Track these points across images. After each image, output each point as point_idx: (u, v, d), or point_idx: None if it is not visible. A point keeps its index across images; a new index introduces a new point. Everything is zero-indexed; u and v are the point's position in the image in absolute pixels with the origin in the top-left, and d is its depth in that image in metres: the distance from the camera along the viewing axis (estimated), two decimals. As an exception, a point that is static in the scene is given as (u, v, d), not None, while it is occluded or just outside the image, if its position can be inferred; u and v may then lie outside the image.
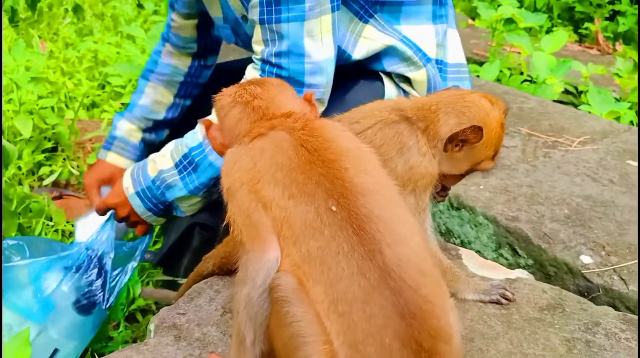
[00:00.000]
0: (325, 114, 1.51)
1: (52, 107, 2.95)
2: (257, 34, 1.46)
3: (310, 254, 0.92)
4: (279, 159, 0.99)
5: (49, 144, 2.70)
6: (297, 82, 1.43)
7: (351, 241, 0.91)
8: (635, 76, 3.24)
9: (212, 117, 1.50)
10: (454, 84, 1.73)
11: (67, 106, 3.15)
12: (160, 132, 2.00)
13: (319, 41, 1.45)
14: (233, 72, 2.05)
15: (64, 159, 2.69)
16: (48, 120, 2.78)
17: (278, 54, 1.43)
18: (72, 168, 2.64)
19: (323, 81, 1.47)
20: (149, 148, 1.99)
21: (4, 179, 2.21)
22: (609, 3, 4.57)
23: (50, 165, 2.63)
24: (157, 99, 1.95)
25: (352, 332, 0.89)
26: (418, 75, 1.64)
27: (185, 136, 1.54)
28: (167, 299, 1.36)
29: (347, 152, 1.01)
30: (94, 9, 4.63)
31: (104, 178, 1.85)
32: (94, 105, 3.27)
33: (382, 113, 1.24)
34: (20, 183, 2.46)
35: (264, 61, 1.45)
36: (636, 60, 3.37)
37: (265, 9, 1.41)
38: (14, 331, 1.45)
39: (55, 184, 2.58)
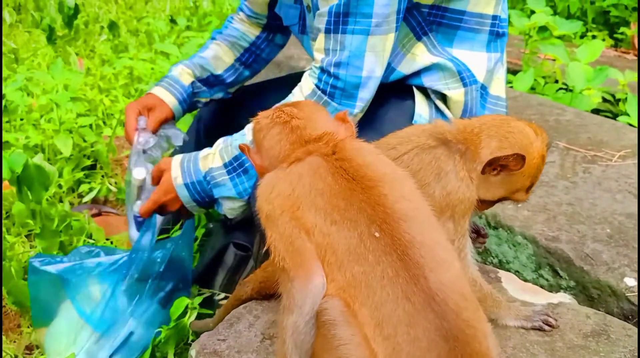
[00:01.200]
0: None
1: (90, 125, 3.03)
2: (320, 42, 1.48)
3: (355, 278, 0.93)
4: (318, 186, 1.01)
5: (88, 162, 2.77)
6: (350, 95, 1.46)
7: (395, 267, 0.93)
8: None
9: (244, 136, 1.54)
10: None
11: (104, 122, 3.22)
12: (212, 89, 2.05)
13: (380, 58, 1.47)
14: (259, 92, 2.09)
15: (102, 176, 2.75)
16: (87, 138, 2.85)
17: (337, 64, 1.45)
18: (110, 184, 2.69)
19: (368, 97, 1.50)
20: (193, 105, 2.06)
21: (45, 197, 2.27)
22: (646, 6, 4.46)
23: (89, 182, 2.69)
24: (219, 56, 2.01)
25: (398, 354, 0.90)
26: (456, 94, 1.63)
27: (234, 136, 1.57)
28: (208, 327, 1.37)
29: (384, 177, 1.02)
30: (128, 26, 4.73)
31: (146, 104, 1.91)
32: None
33: (419, 138, 1.24)
34: (60, 201, 2.52)
35: (323, 70, 1.47)
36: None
37: (332, 19, 1.44)
38: (76, 336, 1.56)
39: (94, 201, 2.64)
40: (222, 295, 1.86)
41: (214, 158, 1.58)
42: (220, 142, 1.60)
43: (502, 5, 1.68)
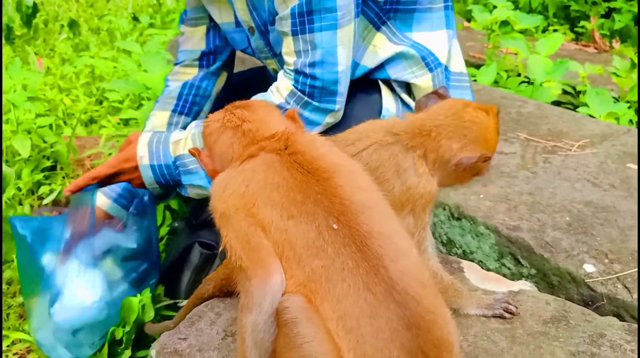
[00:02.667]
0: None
1: (50, 125, 2.95)
2: (289, 45, 1.46)
3: (315, 272, 0.93)
4: (273, 180, 0.99)
5: (48, 163, 2.70)
6: (330, 92, 1.45)
7: (355, 258, 0.93)
8: (634, 74, 3.23)
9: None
10: (456, 92, 1.73)
11: (65, 122, 3.15)
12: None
13: (348, 49, 1.46)
14: (248, 82, 2.04)
15: (63, 177, 2.68)
16: (46, 138, 2.78)
17: (312, 64, 1.43)
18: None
19: (345, 90, 1.49)
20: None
21: (4, 200, 2.20)
22: (605, 0, 4.55)
23: (49, 184, 2.62)
24: (155, 124, 1.92)
25: (362, 347, 0.89)
26: (424, 81, 1.64)
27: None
28: (168, 328, 1.35)
29: (339, 168, 1.02)
30: (89, 24, 4.64)
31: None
32: (92, 121, 3.27)
33: (377, 135, 1.23)
34: (20, 203, 2.45)
35: (297, 72, 1.45)
36: (633, 58, 3.36)
37: (297, 20, 1.41)
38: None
39: (55, 203, 2.57)
40: (185, 302, 1.84)
41: (185, 143, 1.54)
42: (193, 126, 1.56)
43: None
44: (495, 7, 3.57)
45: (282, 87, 1.50)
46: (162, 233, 2.17)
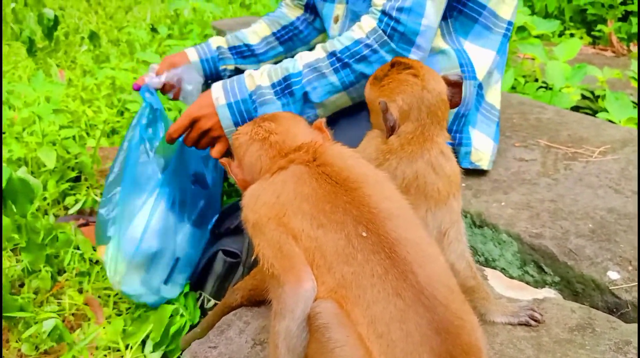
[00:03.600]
0: (339, 133, 1.53)
1: (74, 137, 3.01)
2: None
3: (345, 279, 0.95)
4: (303, 191, 1.02)
5: (73, 174, 2.75)
6: (408, 40, 1.51)
7: (384, 264, 0.95)
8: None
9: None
10: (482, 123, 1.80)
11: (87, 134, 3.21)
12: (244, 59, 2.13)
13: (439, 9, 1.53)
14: None
15: (87, 187, 2.73)
16: (70, 149, 2.83)
17: (400, 9, 1.49)
18: (96, 195, 2.68)
19: (426, 47, 1.54)
20: (218, 73, 2.13)
21: (30, 211, 2.25)
22: (622, 4, 4.53)
23: (74, 194, 2.67)
24: (256, 30, 2.12)
25: (392, 351, 0.91)
26: None
27: (284, 61, 1.60)
28: (196, 334, 1.38)
29: (366, 178, 1.04)
30: (109, 36, 4.71)
31: (174, 61, 2.02)
32: (114, 132, 3.33)
33: (389, 155, 1.23)
34: (46, 214, 2.50)
35: (384, 13, 1.50)
36: (653, 62, 3.35)
37: None
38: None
39: (80, 212, 2.62)
40: (212, 301, 1.87)
41: (260, 77, 1.59)
42: (267, 66, 1.62)
43: (515, 14, 1.77)
44: (511, 13, 3.57)
45: (365, 25, 1.54)
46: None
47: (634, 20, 4.42)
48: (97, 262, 2.27)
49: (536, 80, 3.34)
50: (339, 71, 1.55)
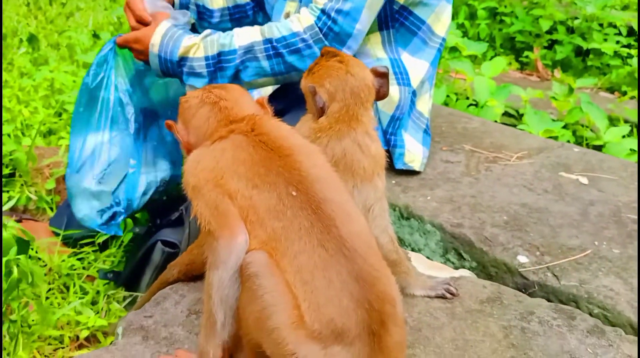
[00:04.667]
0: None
1: (9, 135, 2.96)
2: None
3: (276, 232, 1.04)
4: (240, 157, 1.11)
5: (7, 171, 2.71)
6: (340, 40, 1.65)
7: (311, 219, 1.05)
8: (571, 99, 3.49)
9: None
10: (412, 129, 1.94)
11: (23, 133, 3.16)
12: (198, 18, 2.14)
13: (371, 16, 1.66)
14: None
15: (22, 184, 2.70)
16: (5, 146, 2.79)
17: (339, 11, 1.61)
18: (30, 193, 2.65)
19: (356, 48, 1.68)
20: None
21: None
22: (547, 33, 4.87)
23: (7, 191, 2.63)
24: None
25: (316, 296, 1.00)
26: (391, 90, 1.78)
27: (223, 35, 1.69)
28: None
29: (299, 148, 1.15)
30: (49, 39, 4.65)
31: None
32: (50, 132, 3.29)
33: (324, 133, 1.33)
34: (-23, 209, 2.45)
35: (324, 12, 1.63)
36: (572, 84, 3.63)
37: None
38: None
39: (13, 209, 2.58)
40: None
41: (197, 49, 1.68)
42: (208, 32, 1.71)
43: (447, 32, 1.97)
44: (444, 34, 3.80)
45: (303, 19, 1.65)
46: (125, 238, 2.22)
47: (558, 48, 4.76)
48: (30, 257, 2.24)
49: (467, 98, 3.55)
50: (271, 58, 1.66)
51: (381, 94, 1.40)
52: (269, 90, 1.98)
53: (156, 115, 2.00)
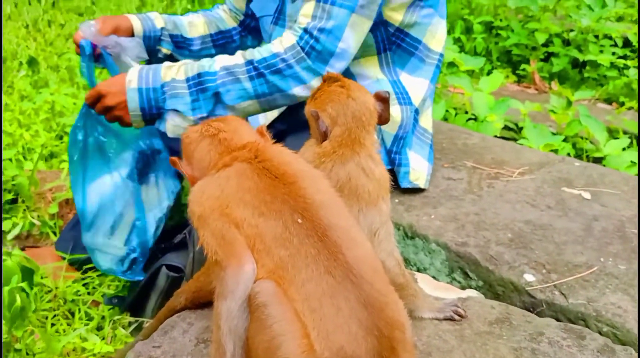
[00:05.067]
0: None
1: (10, 159, 2.97)
2: (309, 8, 1.65)
3: (283, 261, 1.04)
4: (245, 184, 1.12)
5: (9, 196, 2.71)
6: (323, 59, 1.64)
7: (317, 246, 1.05)
8: (570, 112, 3.50)
9: None
10: (417, 145, 1.98)
11: (24, 157, 3.16)
12: (176, 48, 2.13)
13: (357, 37, 1.66)
14: None
15: (24, 210, 2.70)
16: (7, 172, 2.80)
17: (321, 30, 1.61)
18: (33, 218, 2.65)
19: (340, 68, 1.67)
20: (154, 52, 2.11)
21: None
22: (543, 45, 4.91)
23: (10, 217, 2.63)
24: (195, 23, 2.14)
25: (324, 323, 1.00)
26: (393, 111, 1.80)
27: (203, 60, 1.68)
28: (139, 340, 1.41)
29: (302, 173, 1.16)
30: (48, 62, 4.67)
31: (117, 26, 1.95)
32: (52, 155, 3.30)
33: (329, 158, 1.34)
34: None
35: (306, 31, 1.63)
36: (570, 97, 3.65)
37: None
38: None
39: (17, 237, 2.58)
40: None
41: (177, 70, 1.66)
42: (183, 62, 1.69)
43: (444, 47, 1.98)
44: (442, 49, 3.83)
45: (285, 40, 1.65)
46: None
47: (555, 60, 4.79)
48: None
49: (466, 112, 3.57)
50: (253, 79, 1.64)
51: (383, 119, 1.41)
52: (275, 114, 1.99)
53: (146, 152, 2.01)
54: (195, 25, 2.16)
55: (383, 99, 1.40)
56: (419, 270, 1.85)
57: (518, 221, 1.89)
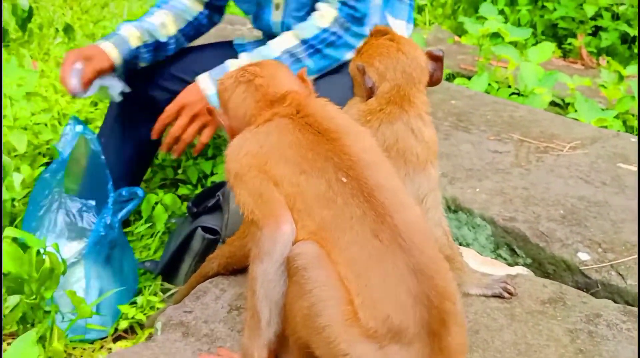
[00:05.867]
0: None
1: (46, 124, 2.96)
2: None
3: (325, 222, 0.96)
4: (286, 140, 1.05)
5: (44, 160, 2.70)
6: (362, 23, 1.77)
7: (363, 207, 0.97)
8: (622, 86, 3.32)
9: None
10: None
11: (59, 123, 3.15)
12: (154, 55, 2.06)
13: None
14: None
15: (58, 174, 2.68)
16: (42, 136, 2.78)
17: None
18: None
19: (374, 22, 1.80)
20: (133, 69, 2.06)
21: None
22: (592, 19, 4.68)
23: (46, 179, 2.62)
24: (165, 23, 2.04)
25: (370, 291, 0.93)
26: None
27: (258, 49, 1.76)
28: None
29: (347, 129, 1.08)
30: (84, 30, 4.66)
31: (86, 54, 1.89)
32: (87, 122, 3.28)
33: (372, 116, 1.25)
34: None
35: (343, 3, 1.74)
36: (621, 71, 3.46)
37: None
38: None
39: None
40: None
41: (244, 62, 1.65)
42: (244, 54, 1.76)
43: None
44: (486, 19, 3.66)
45: (326, 14, 1.76)
46: (160, 228, 2.17)
47: (603, 35, 4.57)
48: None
49: (509, 86, 3.41)
50: (312, 56, 1.76)
51: (435, 79, 1.31)
52: None
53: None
54: (166, 26, 2.04)
55: (436, 58, 1.29)
56: (461, 245, 1.75)
57: (571, 197, 1.77)
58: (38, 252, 1.63)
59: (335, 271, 0.94)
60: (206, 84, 1.71)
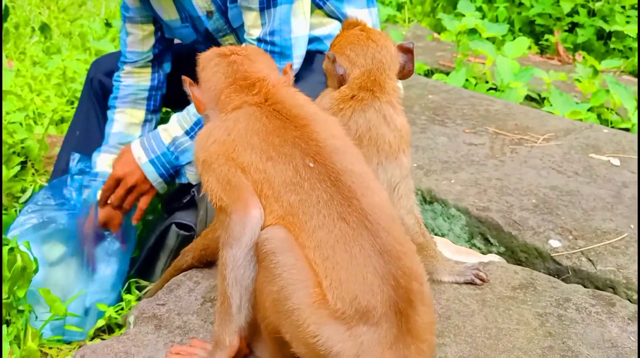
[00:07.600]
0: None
1: (21, 123, 2.92)
2: (255, 19, 1.66)
3: (293, 206, 0.97)
4: (254, 127, 1.05)
5: (19, 159, 2.66)
6: (286, 56, 1.67)
7: (330, 191, 0.98)
8: (596, 81, 3.36)
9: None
10: None
11: (35, 122, 3.12)
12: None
13: (302, 19, 1.67)
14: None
15: (33, 174, 2.65)
16: (16, 135, 2.75)
17: (271, 33, 1.63)
18: (43, 182, 2.60)
19: (302, 53, 1.69)
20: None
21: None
22: (568, 15, 4.73)
23: (20, 180, 2.59)
24: (130, 122, 2.00)
25: (337, 272, 0.93)
26: None
27: (189, 108, 1.69)
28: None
29: (315, 116, 1.08)
30: (61, 28, 4.61)
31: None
32: (62, 121, 3.25)
33: (345, 104, 1.26)
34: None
35: (259, 40, 1.65)
36: (596, 66, 3.51)
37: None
38: None
39: (26, 201, 2.54)
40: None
41: (174, 128, 1.70)
42: (175, 117, 1.73)
43: None
44: (464, 16, 3.70)
45: None
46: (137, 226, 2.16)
47: (580, 31, 4.62)
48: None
49: (486, 82, 3.44)
50: None
51: (406, 71, 1.31)
52: None
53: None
54: (132, 124, 2.00)
55: (407, 50, 1.30)
56: (436, 236, 1.77)
57: (543, 186, 1.80)
58: (10, 251, 1.62)
59: (304, 254, 0.95)
60: (139, 153, 1.71)
